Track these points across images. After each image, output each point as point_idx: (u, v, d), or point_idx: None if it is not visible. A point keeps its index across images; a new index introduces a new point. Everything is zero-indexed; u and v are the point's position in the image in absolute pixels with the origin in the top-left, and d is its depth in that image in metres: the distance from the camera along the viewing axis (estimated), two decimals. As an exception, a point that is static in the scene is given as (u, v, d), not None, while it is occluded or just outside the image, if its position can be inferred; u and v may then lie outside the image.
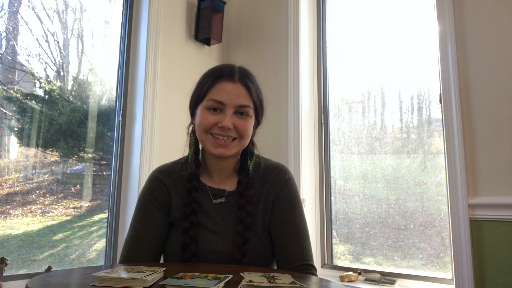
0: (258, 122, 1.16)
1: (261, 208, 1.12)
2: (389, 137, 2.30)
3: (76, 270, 1.01)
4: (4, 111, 2.13)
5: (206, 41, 2.65)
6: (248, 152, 1.16)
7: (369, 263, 2.23)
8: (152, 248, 1.09)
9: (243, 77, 1.10)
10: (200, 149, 1.19)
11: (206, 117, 1.07)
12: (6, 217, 2.04)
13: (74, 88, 2.40)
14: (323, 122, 2.50)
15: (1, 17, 2.14)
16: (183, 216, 1.09)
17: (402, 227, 2.16)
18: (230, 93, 1.06)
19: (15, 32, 2.18)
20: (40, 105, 2.22)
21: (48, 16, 2.28)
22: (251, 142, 1.16)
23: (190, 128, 1.18)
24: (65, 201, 2.26)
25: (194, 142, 1.16)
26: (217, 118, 1.06)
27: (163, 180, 1.15)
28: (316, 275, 1.05)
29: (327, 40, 2.59)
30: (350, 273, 2.12)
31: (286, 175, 1.17)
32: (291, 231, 1.10)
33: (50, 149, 2.28)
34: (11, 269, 1.91)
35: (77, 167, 2.41)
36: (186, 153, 1.20)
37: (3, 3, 2.12)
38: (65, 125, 2.27)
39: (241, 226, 1.07)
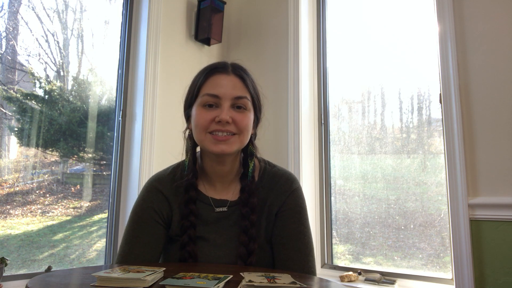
0: (257, 119, 1.09)
1: (264, 219, 1.06)
2: (389, 137, 2.30)
3: (76, 270, 1.01)
4: (4, 111, 2.12)
5: (206, 41, 2.65)
6: (248, 153, 1.09)
7: (369, 263, 2.23)
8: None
9: (237, 69, 1.05)
10: (198, 155, 1.11)
11: (202, 115, 1.00)
12: (6, 217, 2.04)
13: (74, 88, 2.40)
14: (323, 122, 2.49)
15: (1, 17, 2.14)
16: (181, 229, 1.03)
17: (402, 227, 2.15)
18: (224, 85, 1.00)
19: (15, 32, 2.18)
20: (40, 105, 2.22)
21: (48, 16, 2.28)
22: (252, 144, 1.09)
23: (187, 133, 1.10)
24: (65, 201, 2.26)
25: (191, 147, 1.08)
26: (214, 113, 0.99)
27: (164, 191, 1.06)
28: None
29: (327, 40, 2.58)
30: (350, 273, 2.12)
31: (293, 184, 1.09)
32: (293, 246, 1.03)
33: (50, 149, 2.28)
34: (11, 269, 1.91)
35: (77, 167, 2.41)
36: (185, 157, 1.11)
37: (3, 3, 2.12)
38: (65, 125, 2.27)
39: (245, 237, 1.01)
